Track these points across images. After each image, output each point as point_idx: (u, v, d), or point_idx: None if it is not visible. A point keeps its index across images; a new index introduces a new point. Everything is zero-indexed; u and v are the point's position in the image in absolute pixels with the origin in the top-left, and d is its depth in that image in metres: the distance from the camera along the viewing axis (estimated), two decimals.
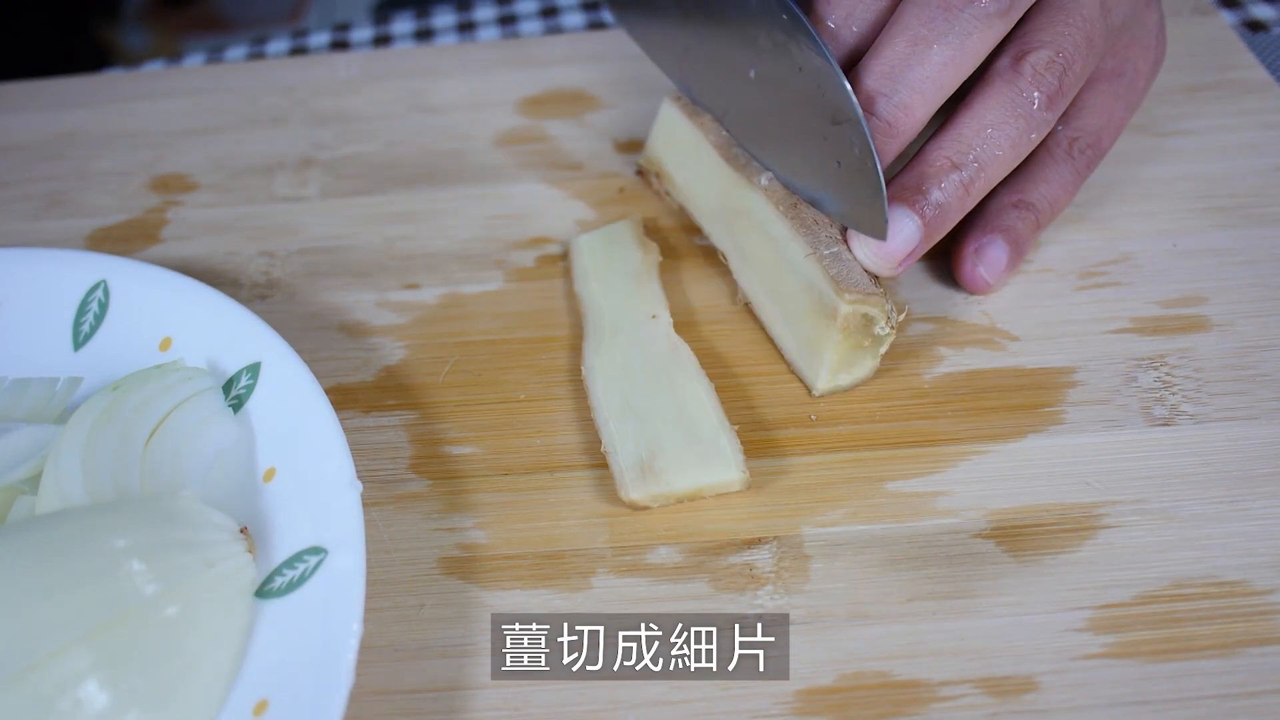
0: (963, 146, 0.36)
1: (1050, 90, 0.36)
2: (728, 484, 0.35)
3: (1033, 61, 0.36)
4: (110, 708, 0.28)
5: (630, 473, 0.35)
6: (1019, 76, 0.36)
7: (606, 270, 0.42)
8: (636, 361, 0.38)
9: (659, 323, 0.39)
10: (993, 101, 0.36)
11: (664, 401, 0.37)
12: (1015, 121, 0.36)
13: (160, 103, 0.52)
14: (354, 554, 0.31)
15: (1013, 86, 0.36)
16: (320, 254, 0.44)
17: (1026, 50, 0.36)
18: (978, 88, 0.37)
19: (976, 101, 0.36)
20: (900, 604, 0.33)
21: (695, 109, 0.42)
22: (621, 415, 0.36)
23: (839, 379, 0.38)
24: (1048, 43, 0.36)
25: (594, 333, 0.39)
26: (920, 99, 0.35)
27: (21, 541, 0.29)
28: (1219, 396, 0.37)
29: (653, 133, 0.45)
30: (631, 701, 0.31)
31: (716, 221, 0.42)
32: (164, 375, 0.36)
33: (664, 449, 0.35)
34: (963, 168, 0.36)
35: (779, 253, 0.38)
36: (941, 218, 0.36)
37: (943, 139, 0.36)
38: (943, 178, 0.36)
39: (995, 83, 0.36)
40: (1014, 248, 0.40)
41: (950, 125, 0.36)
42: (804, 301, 0.37)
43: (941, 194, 0.36)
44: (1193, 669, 0.31)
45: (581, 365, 0.38)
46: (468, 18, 0.60)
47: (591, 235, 0.43)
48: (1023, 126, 0.36)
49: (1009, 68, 0.36)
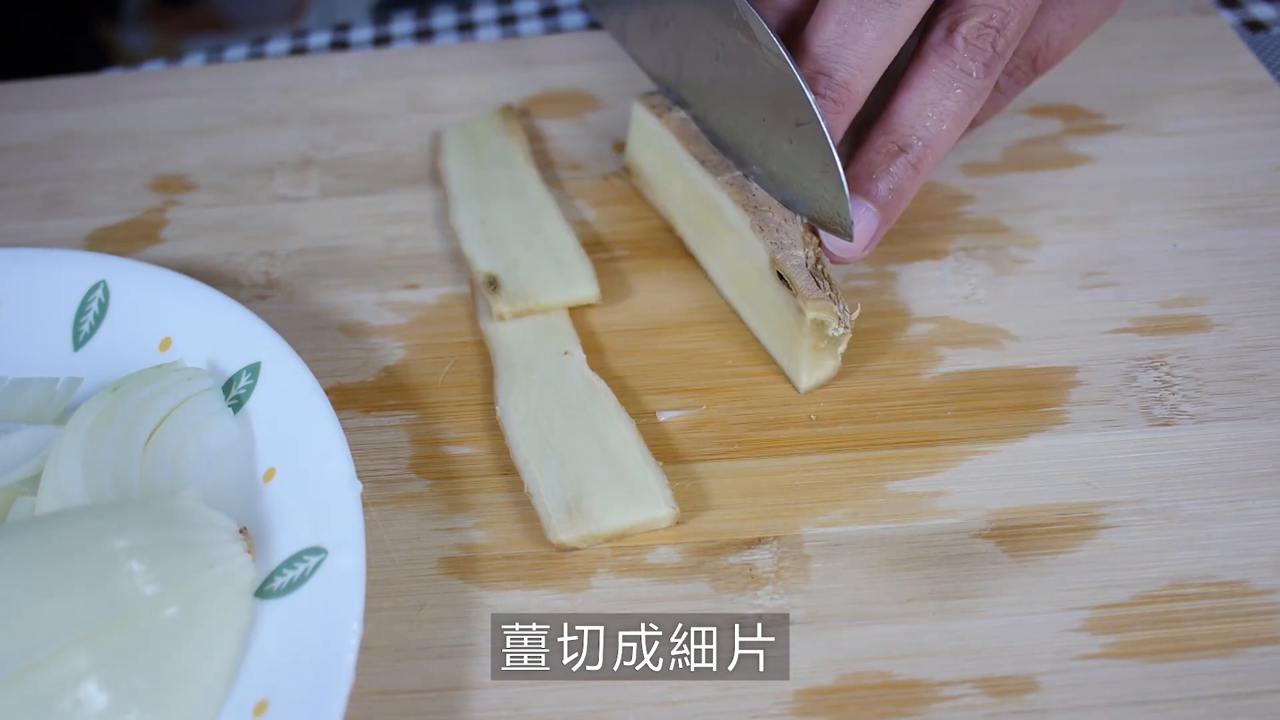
0: (905, 129, 0.37)
1: (985, 58, 0.36)
2: (657, 520, 0.34)
3: (964, 33, 0.36)
4: (110, 708, 0.28)
5: (557, 515, 0.34)
6: (952, 50, 0.36)
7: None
8: (552, 400, 0.37)
9: (572, 360, 0.39)
10: (930, 79, 0.36)
11: (585, 440, 0.36)
12: (955, 94, 0.36)
13: (160, 103, 0.52)
14: (354, 554, 0.31)
15: (947, 61, 0.36)
16: (320, 254, 0.44)
17: (959, 20, 0.36)
18: (914, 64, 0.37)
19: (914, 80, 0.37)
20: (900, 604, 0.33)
21: (664, 107, 0.42)
22: (542, 456, 0.36)
23: (816, 377, 0.38)
24: (979, 5, 0.36)
25: (505, 371, 0.38)
26: (859, 74, 0.36)
27: (21, 542, 0.29)
28: (1219, 396, 0.37)
29: (630, 132, 0.45)
30: (631, 701, 0.31)
31: (688, 223, 0.42)
32: (164, 375, 0.36)
33: (590, 489, 0.35)
34: (909, 149, 0.37)
35: (744, 252, 0.39)
36: (896, 200, 0.37)
37: (887, 122, 0.37)
38: (890, 162, 0.37)
39: (930, 58, 0.36)
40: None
41: (892, 108, 0.37)
42: (771, 305, 0.38)
43: (892, 179, 0.37)
44: (1193, 669, 0.31)
45: (495, 405, 0.38)
46: (468, 18, 0.60)
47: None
48: (962, 98, 0.36)
49: (942, 41, 0.36)
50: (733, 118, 0.39)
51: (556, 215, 0.43)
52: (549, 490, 0.35)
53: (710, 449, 0.37)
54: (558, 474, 0.35)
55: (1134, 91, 0.49)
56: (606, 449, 0.36)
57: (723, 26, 0.37)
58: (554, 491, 0.35)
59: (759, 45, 0.36)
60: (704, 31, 0.38)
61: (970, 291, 0.41)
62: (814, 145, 0.35)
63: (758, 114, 0.37)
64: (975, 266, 0.42)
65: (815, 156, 0.36)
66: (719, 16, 0.37)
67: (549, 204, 0.44)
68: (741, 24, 0.36)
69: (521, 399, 0.37)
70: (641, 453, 0.36)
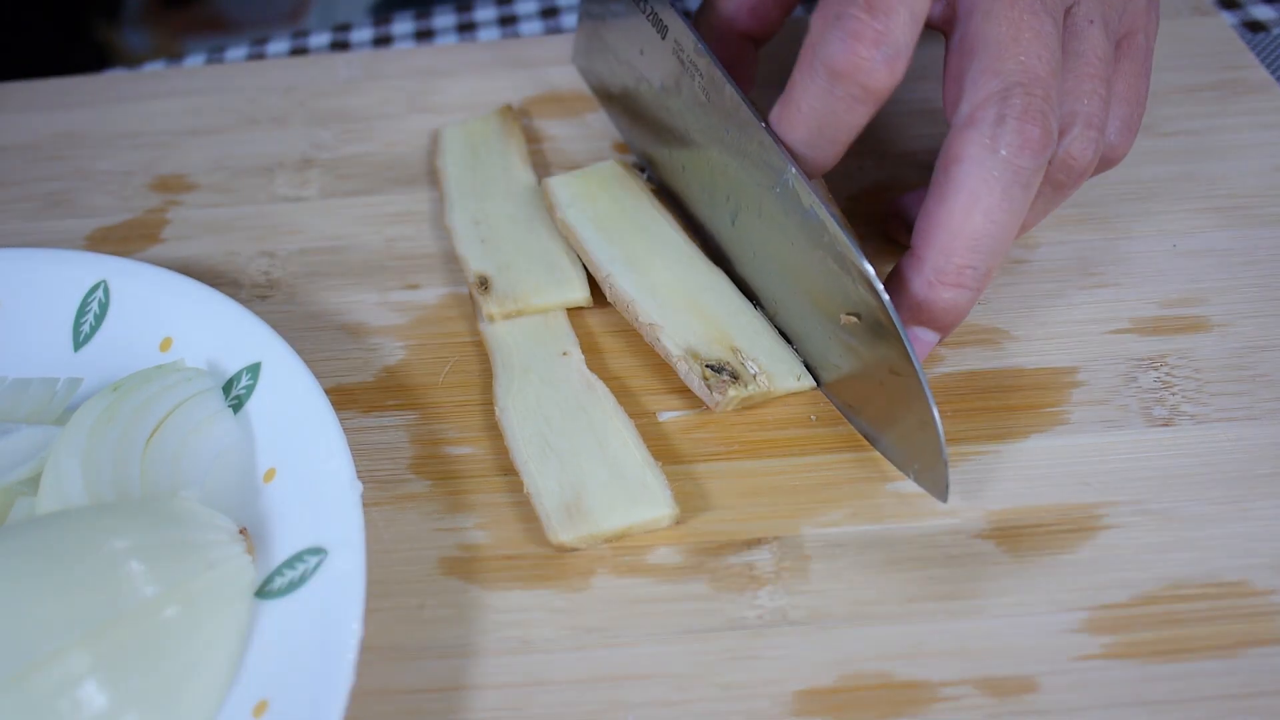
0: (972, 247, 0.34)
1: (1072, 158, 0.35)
2: (657, 520, 0.34)
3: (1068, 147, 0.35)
4: (109, 708, 0.28)
5: (557, 515, 0.34)
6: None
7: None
8: (551, 400, 0.37)
9: (570, 360, 0.39)
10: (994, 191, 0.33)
11: (584, 440, 0.36)
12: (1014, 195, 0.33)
13: (160, 103, 0.52)
14: (354, 554, 0.31)
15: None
16: (320, 254, 0.44)
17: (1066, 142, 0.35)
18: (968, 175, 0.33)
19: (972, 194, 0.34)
20: (900, 604, 0.33)
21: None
22: (541, 456, 0.36)
23: (801, 385, 0.38)
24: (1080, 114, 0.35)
25: (504, 372, 0.38)
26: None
27: (21, 542, 0.29)
28: (1219, 397, 0.37)
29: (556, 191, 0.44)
30: (632, 702, 0.31)
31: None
32: (164, 376, 0.36)
33: (589, 489, 0.35)
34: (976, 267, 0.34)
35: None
36: (958, 317, 0.35)
37: (948, 244, 0.34)
38: (959, 291, 0.34)
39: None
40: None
41: (946, 224, 0.34)
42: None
43: (957, 305, 0.35)
44: (1193, 670, 0.31)
45: (494, 406, 0.38)
46: (468, 18, 0.60)
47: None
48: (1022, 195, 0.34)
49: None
50: (788, 303, 0.38)
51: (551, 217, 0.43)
52: (548, 491, 0.35)
53: (710, 449, 0.37)
54: (557, 474, 0.35)
55: None
56: (606, 449, 0.36)
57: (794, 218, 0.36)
58: (554, 492, 0.35)
59: (852, 276, 0.34)
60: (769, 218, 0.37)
61: None
62: (911, 399, 0.33)
63: (822, 309, 0.36)
64: None
65: (913, 412, 0.33)
66: (809, 238, 0.35)
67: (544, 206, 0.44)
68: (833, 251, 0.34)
69: (520, 399, 0.37)
70: (641, 453, 0.36)
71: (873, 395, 0.35)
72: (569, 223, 0.41)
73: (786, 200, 0.35)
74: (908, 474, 0.35)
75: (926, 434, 0.32)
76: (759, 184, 0.36)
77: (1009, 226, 0.33)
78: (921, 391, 0.32)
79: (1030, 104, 0.32)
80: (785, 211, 0.36)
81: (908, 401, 0.33)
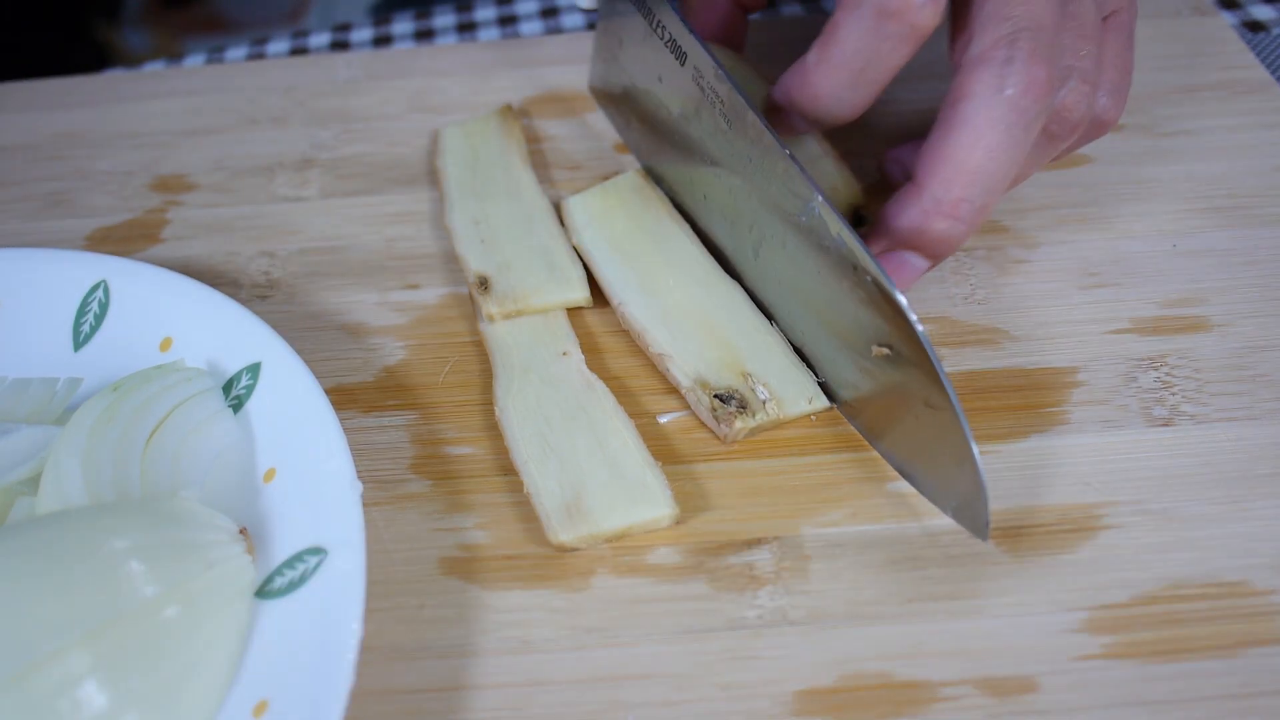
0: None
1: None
2: (657, 520, 0.34)
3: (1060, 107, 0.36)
4: (109, 708, 0.28)
5: (557, 515, 0.34)
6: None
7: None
8: (551, 400, 0.37)
9: (570, 360, 0.39)
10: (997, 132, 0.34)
11: (584, 440, 0.36)
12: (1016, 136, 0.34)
13: (160, 103, 0.52)
14: (354, 554, 0.31)
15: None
16: (320, 254, 0.44)
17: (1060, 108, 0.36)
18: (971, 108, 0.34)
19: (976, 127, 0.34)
20: (900, 604, 0.33)
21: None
22: (541, 456, 0.36)
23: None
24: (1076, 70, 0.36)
25: (504, 372, 0.38)
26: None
27: (21, 542, 0.29)
28: (1219, 397, 0.37)
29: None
30: (631, 702, 0.31)
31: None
32: (164, 376, 0.36)
33: (589, 489, 0.35)
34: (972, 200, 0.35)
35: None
36: (950, 249, 0.36)
37: (948, 176, 0.35)
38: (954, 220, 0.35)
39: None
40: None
41: (950, 157, 0.35)
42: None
43: (949, 236, 0.36)
44: (1193, 670, 0.31)
45: (494, 406, 0.38)
46: (468, 18, 0.60)
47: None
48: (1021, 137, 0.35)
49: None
50: (811, 331, 0.38)
51: (551, 217, 0.43)
52: (548, 491, 0.35)
53: (710, 449, 0.37)
54: (557, 474, 0.35)
55: (1134, 91, 0.49)
56: (606, 449, 0.36)
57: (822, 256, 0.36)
58: (553, 492, 0.35)
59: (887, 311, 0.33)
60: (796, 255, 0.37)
61: (970, 291, 0.41)
62: (948, 433, 0.32)
63: (847, 339, 0.36)
64: (975, 266, 0.42)
65: (948, 446, 0.32)
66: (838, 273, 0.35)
67: (544, 206, 0.44)
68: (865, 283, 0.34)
69: (520, 399, 0.37)
70: (641, 453, 0.36)
71: (902, 425, 0.34)
72: (585, 247, 0.41)
73: (813, 228, 0.35)
74: (944, 510, 0.34)
75: (964, 471, 0.32)
76: (784, 211, 0.36)
77: (1008, 165, 0.34)
78: (959, 427, 0.31)
79: (1037, 48, 0.34)
80: (811, 241, 0.36)
81: (944, 436, 0.32)
